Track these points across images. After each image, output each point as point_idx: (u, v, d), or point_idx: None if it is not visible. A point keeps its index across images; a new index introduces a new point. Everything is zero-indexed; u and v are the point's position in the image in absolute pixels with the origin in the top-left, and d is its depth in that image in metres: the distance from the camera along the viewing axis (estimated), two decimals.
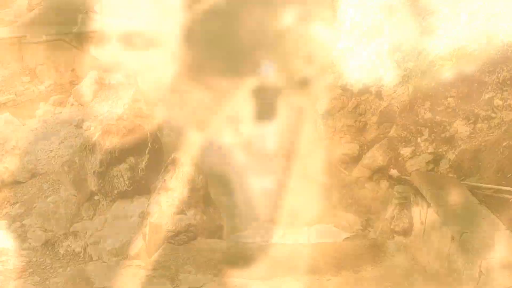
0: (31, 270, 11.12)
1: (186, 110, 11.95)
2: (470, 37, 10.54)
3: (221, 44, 13.45)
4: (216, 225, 9.78)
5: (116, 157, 11.03)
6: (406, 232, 9.04)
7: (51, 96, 23.79)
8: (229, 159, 11.31)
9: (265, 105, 12.60)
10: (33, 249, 11.77)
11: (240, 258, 8.81)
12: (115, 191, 11.19)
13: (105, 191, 11.30)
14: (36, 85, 26.11)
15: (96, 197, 12.09)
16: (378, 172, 11.04)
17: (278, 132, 12.58)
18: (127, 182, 11.01)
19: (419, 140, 10.88)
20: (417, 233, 8.75)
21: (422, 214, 8.55)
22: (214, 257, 8.81)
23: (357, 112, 12.56)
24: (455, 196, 8.16)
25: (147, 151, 11.07)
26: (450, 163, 10.15)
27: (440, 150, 10.51)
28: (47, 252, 11.72)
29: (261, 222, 10.60)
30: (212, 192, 10.63)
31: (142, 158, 11.07)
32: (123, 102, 17.55)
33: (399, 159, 11.05)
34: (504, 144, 8.91)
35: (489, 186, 8.36)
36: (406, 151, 10.98)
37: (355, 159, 12.05)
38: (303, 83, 13.24)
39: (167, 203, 9.53)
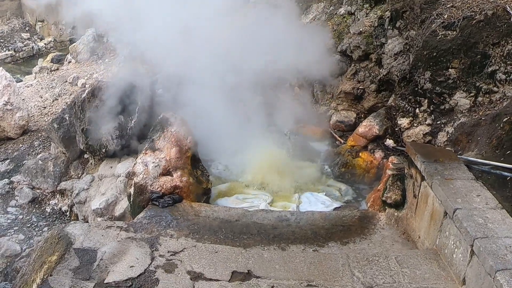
0: (16, 227, 11.01)
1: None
2: (476, 7, 10.18)
3: None
4: (203, 188, 9.54)
5: (105, 115, 10.79)
6: (398, 205, 8.78)
7: (50, 53, 23.60)
8: None
9: None
10: (20, 207, 11.67)
11: (225, 223, 8.58)
12: (103, 150, 10.97)
13: (93, 149, 11.09)
14: (36, 42, 25.93)
15: (86, 156, 11.92)
16: (374, 142, 10.79)
17: None
18: (115, 141, 10.78)
19: (417, 111, 10.60)
20: (409, 206, 8.49)
21: (416, 187, 8.28)
22: (198, 221, 8.58)
23: (355, 79, 12.28)
24: (450, 170, 7.86)
25: (136, 110, 10.82)
26: (448, 136, 9.89)
27: (439, 122, 10.24)
28: (34, 210, 11.62)
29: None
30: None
31: (132, 117, 10.82)
32: (119, 60, 17.34)
33: (396, 129, 10.80)
34: (505, 119, 8.60)
35: (487, 162, 8.04)
36: (403, 121, 10.71)
37: (351, 127, 11.82)
38: None
39: (153, 163, 9.26)
